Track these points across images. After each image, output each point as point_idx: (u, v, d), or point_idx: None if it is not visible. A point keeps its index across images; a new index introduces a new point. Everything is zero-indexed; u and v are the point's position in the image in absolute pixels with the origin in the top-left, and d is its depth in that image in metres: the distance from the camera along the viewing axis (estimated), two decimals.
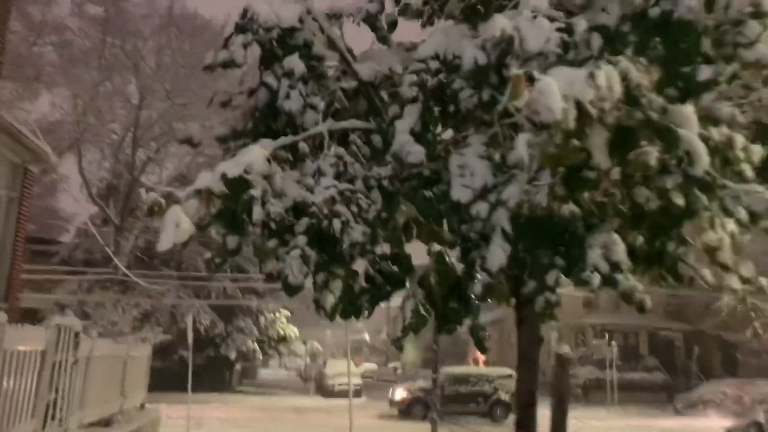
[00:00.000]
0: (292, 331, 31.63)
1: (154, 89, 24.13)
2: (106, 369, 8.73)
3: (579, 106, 2.53)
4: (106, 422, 9.10)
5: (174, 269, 27.53)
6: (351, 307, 3.31)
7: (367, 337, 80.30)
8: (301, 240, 2.78)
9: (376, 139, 3.28)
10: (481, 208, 3.04)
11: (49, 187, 44.21)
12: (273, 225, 2.74)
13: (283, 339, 31.79)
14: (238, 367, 35.62)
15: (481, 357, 50.50)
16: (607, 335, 27.02)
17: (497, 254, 2.94)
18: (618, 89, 2.57)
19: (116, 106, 24.27)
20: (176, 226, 2.52)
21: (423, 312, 3.10)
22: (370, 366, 56.10)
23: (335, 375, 30.05)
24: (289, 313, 32.43)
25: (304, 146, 3.11)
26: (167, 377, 26.94)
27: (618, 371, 28.58)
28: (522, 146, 2.88)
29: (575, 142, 2.72)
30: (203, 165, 30.28)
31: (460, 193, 3.08)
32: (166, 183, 27.68)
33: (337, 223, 2.81)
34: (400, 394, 22.16)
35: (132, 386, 10.44)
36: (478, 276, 3.20)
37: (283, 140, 2.95)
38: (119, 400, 9.54)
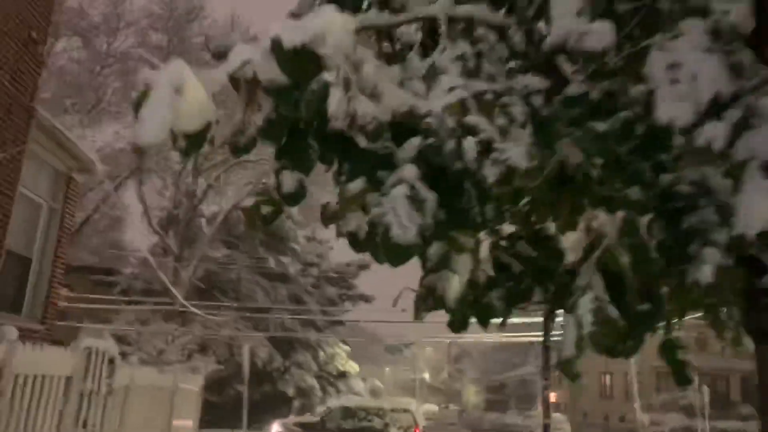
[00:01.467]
0: (352, 367, 30.26)
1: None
2: (148, 401, 7.67)
3: None
4: None
5: (232, 300, 26.84)
6: (477, 305, 2.05)
7: (427, 376, 77.90)
8: (410, 171, 1.55)
9: (517, 38, 2.04)
10: (715, 133, 1.76)
11: (113, 220, 45.08)
12: (364, 140, 1.52)
13: (342, 375, 30.44)
14: (296, 404, 34.43)
15: (552, 397, 47.64)
16: (697, 379, 24.41)
17: (757, 207, 1.64)
18: None
19: None
20: (176, 92, 1.32)
21: (610, 314, 1.78)
22: (430, 407, 53.73)
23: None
24: (348, 348, 31.15)
25: (409, 33, 1.95)
26: (223, 412, 26.07)
27: (707, 419, 25.75)
28: None
29: None
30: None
31: (671, 110, 1.80)
32: (226, 212, 27.26)
33: (471, 146, 1.59)
34: (276, 428, 20.96)
35: (180, 416, 9.37)
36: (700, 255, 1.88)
37: (376, 17, 1.76)
38: None
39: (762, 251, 1.93)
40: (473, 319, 2.15)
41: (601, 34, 1.81)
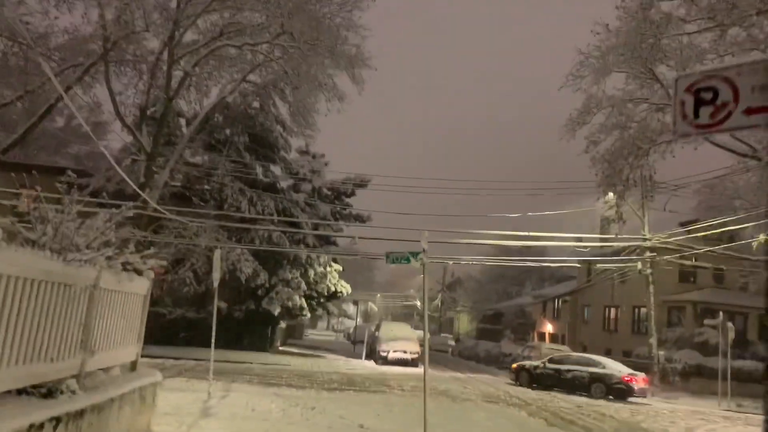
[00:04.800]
0: (344, 287, 27.95)
1: None
2: (39, 305, 4.99)
3: None
4: (48, 391, 5.43)
5: (213, 209, 24.12)
6: None
7: (418, 303, 76.78)
8: None
9: None
10: None
11: (96, 125, 41.71)
12: None
13: (334, 296, 28.17)
14: (282, 324, 32.41)
15: (548, 331, 46.11)
16: (721, 315, 22.22)
17: None
18: None
19: (151, 13, 20.56)
20: None
21: None
22: (421, 333, 52.28)
23: (390, 340, 26.34)
24: (340, 268, 28.76)
25: None
26: (202, 331, 23.92)
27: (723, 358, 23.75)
28: None
29: None
30: (249, 92, 26.60)
31: None
32: (206, 111, 24.10)
33: None
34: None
35: (108, 336, 6.75)
36: None
37: None
38: (75, 358, 5.84)
39: None
40: None
41: None
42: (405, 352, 25.71)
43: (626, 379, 20.05)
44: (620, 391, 19.91)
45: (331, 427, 10.10)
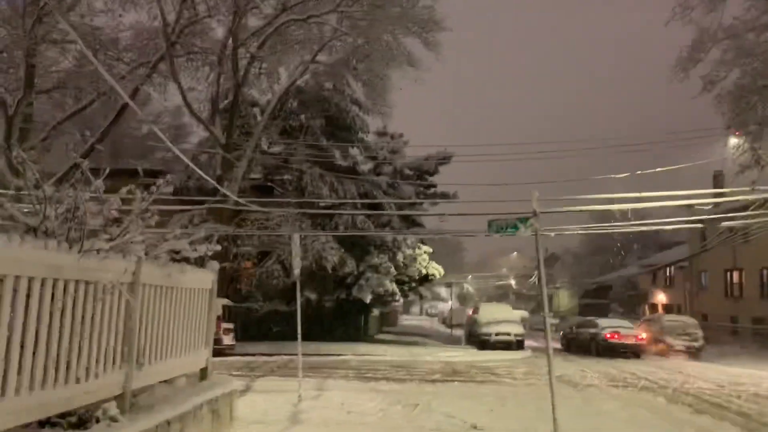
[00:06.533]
0: (436, 269, 26.40)
1: None
2: (48, 311, 3.79)
3: None
4: (79, 420, 4.24)
5: (294, 197, 23.20)
6: None
7: (513, 282, 74.15)
8: None
9: None
10: None
11: (176, 128, 42.21)
12: None
13: (426, 279, 26.70)
14: (375, 312, 31.34)
15: (660, 302, 42.65)
16: None
17: None
18: None
19: None
20: None
21: None
22: (522, 314, 49.84)
23: (491, 322, 24.55)
24: (430, 249, 27.24)
25: None
26: (294, 324, 23.08)
27: None
28: None
29: None
30: (321, 73, 25.44)
31: None
32: (279, 96, 23.14)
33: None
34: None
35: (163, 343, 5.55)
36: None
37: None
38: (114, 374, 4.64)
39: None
40: None
41: None
42: (509, 334, 23.86)
43: None
44: None
45: (439, 428, 8.62)
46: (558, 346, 27.71)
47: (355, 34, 20.51)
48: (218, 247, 5.96)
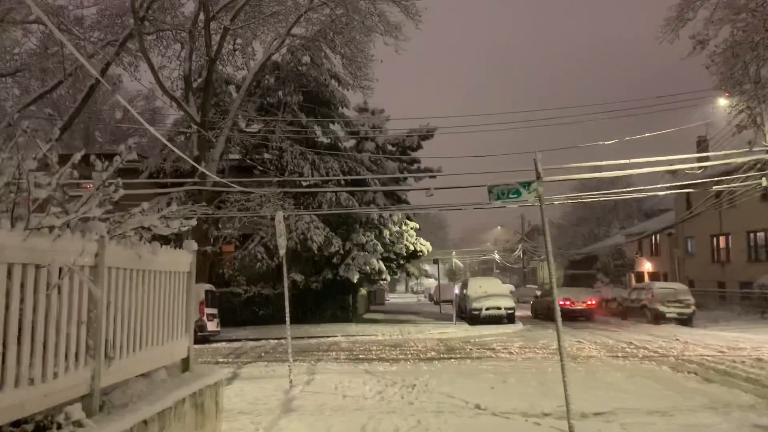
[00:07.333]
0: (423, 245, 25.89)
1: None
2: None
3: None
4: (36, 427, 3.61)
5: (276, 176, 22.42)
6: None
7: (497, 256, 74.10)
8: None
9: None
10: None
11: (153, 111, 40.93)
12: None
13: (414, 255, 26.19)
14: (363, 291, 30.84)
15: (647, 270, 42.68)
16: None
17: None
18: None
19: None
20: None
21: None
22: (507, 287, 49.72)
23: (481, 297, 24.15)
24: (417, 225, 26.68)
25: None
26: (281, 307, 22.48)
27: None
28: None
29: None
30: (297, 48, 24.52)
31: None
32: (255, 71, 22.24)
33: None
34: None
35: (136, 333, 4.91)
36: None
37: None
38: (79, 371, 3.99)
39: None
40: None
41: None
42: (499, 308, 23.47)
43: None
44: None
45: (440, 411, 8.10)
46: (529, 313, 31.27)
47: (332, 2, 19.64)
48: (194, 222, 5.30)
